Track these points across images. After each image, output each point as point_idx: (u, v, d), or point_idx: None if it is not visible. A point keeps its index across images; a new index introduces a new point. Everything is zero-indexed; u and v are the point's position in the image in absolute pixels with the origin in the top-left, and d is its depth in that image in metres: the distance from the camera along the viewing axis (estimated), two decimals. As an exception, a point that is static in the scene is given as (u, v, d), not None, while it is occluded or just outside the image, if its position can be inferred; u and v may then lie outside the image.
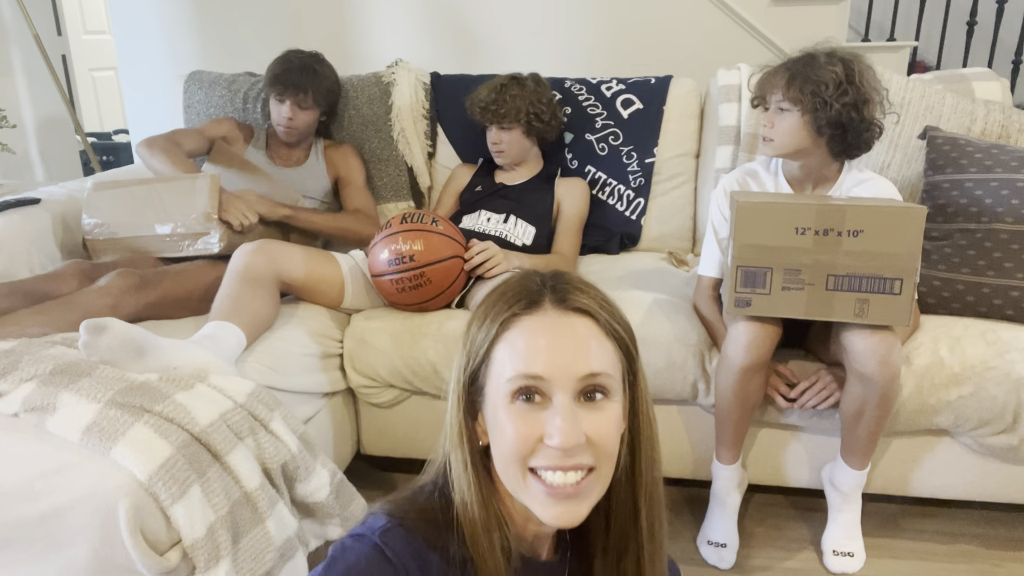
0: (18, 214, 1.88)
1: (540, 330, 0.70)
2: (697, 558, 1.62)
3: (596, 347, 0.70)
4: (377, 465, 1.96)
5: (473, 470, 0.73)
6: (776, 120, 1.55)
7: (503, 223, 1.99)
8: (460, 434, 0.74)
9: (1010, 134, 1.88)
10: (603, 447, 0.70)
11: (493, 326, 0.72)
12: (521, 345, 0.70)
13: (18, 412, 1.19)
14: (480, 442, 0.75)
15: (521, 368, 0.69)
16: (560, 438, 0.67)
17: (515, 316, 0.71)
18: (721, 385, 1.52)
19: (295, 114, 2.03)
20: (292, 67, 2.02)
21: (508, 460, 0.70)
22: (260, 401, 1.31)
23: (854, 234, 1.37)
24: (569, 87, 2.25)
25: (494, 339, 0.72)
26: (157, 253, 1.82)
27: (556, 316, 0.71)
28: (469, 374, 0.74)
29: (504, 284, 0.75)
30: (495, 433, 0.72)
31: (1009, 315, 1.63)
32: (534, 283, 0.74)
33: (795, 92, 1.50)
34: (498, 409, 0.70)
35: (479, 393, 0.74)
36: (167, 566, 1.10)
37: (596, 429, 0.69)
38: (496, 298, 0.74)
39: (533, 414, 0.69)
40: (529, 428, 0.68)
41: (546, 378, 0.68)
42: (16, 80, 3.52)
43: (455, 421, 0.75)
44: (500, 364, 0.71)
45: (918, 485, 1.68)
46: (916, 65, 4.15)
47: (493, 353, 0.72)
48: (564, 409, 0.68)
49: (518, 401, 0.69)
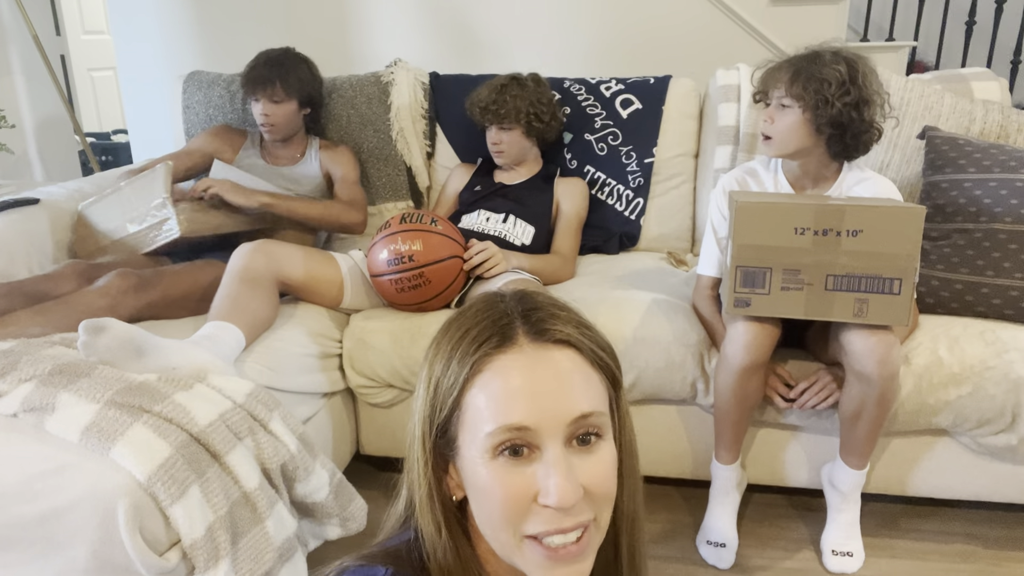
0: (17, 214, 1.88)
1: (518, 371, 0.61)
2: (696, 558, 1.62)
3: (583, 383, 0.62)
4: (376, 465, 1.96)
5: (448, 533, 0.65)
6: (777, 116, 1.56)
7: (502, 223, 1.99)
8: (430, 496, 0.65)
9: (1009, 134, 1.88)
10: (602, 495, 0.62)
11: (462, 369, 0.62)
12: (499, 391, 0.60)
13: (17, 412, 1.19)
14: (453, 497, 0.67)
15: (502, 420, 0.59)
16: (558, 496, 0.58)
17: (487, 356, 0.61)
18: (720, 385, 1.52)
19: (270, 110, 2.02)
20: (258, 64, 2.03)
21: (497, 526, 0.61)
22: (259, 401, 1.31)
23: (853, 234, 1.37)
24: (568, 87, 2.25)
25: (464, 385, 0.62)
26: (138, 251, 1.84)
27: (534, 352, 0.62)
28: (437, 427, 0.64)
29: (467, 315, 0.66)
30: (476, 494, 0.62)
31: (1008, 315, 1.63)
32: (501, 313, 0.64)
33: (798, 88, 1.50)
34: (478, 466, 0.61)
35: (449, 446, 0.64)
36: (166, 566, 1.10)
37: (593, 477, 0.61)
38: (460, 334, 0.64)
39: (521, 469, 0.60)
40: (519, 488, 0.59)
41: (532, 428, 0.59)
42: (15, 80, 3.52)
43: (422, 481, 0.65)
44: (475, 414, 0.61)
45: (917, 485, 1.68)
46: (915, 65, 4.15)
47: (464, 401, 0.62)
48: (558, 462, 0.59)
49: (501, 456, 0.60)
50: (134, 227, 1.82)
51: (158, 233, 1.81)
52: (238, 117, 2.32)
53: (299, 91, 2.06)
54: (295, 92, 2.05)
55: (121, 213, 1.85)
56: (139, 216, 1.82)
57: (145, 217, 1.81)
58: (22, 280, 1.63)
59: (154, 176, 1.82)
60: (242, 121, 2.31)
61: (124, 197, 1.85)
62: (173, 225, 1.78)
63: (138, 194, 1.84)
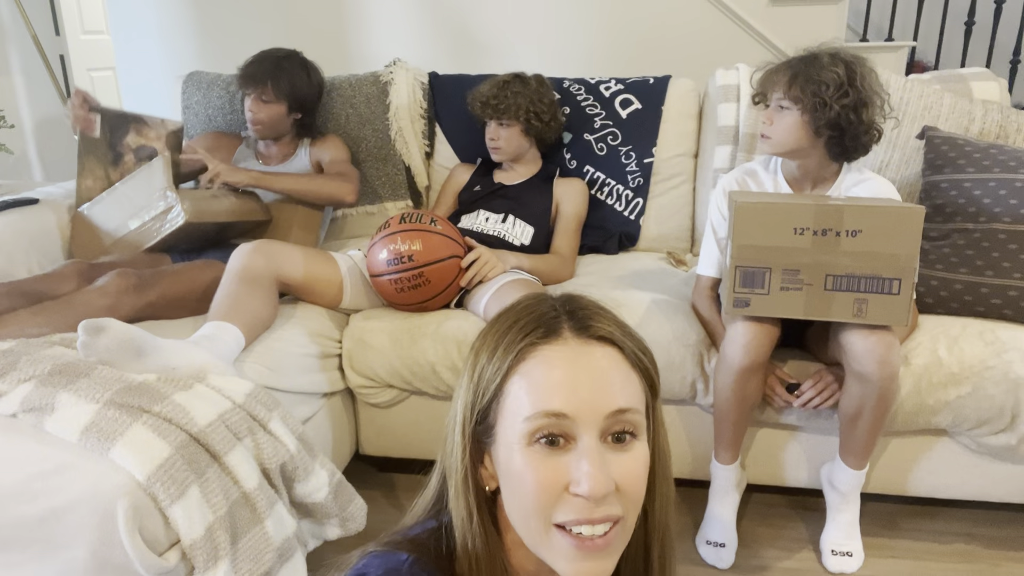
0: (17, 214, 1.88)
1: (561, 361, 0.62)
2: (696, 558, 1.62)
3: (623, 380, 0.63)
4: (376, 465, 1.96)
5: (480, 521, 0.66)
6: (775, 118, 1.56)
7: (501, 223, 1.99)
8: (465, 481, 0.67)
9: (1008, 134, 1.88)
10: (632, 494, 0.62)
11: (506, 357, 0.64)
12: (541, 379, 0.62)
13: (16, 412, 1.19)
14: (487, 487, 0.68)
15: (541, 405, 0.61)
16: (589, 486, 0.59)
17: (532, 346, 0.63)
18: (719, 385, 1.52)
19: (257, 108, 2.02)
20: (253, 62, 2.04)
21: (528, 513, 0.62)
22: (259, 401, 1.31)
23: (852, 234, 1.37)
24: (568, 87, 2.25)
25: (507, 372, 0.63)
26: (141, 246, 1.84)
27: (578, 346, 0.63)
28: (478, 412, 0.66)
29: (515, 310, 0.68)
30: (509, 480, 0.63)
31: (1007, 315, 1.63)
32: (549, 308, 0.66)
33: (796, 91, 1.51)
34: (513, 453, 0.62)
35: (487, 433, 0.66)
36: (166, 566, 1.10)
37: (626, 475, 0.61)
38: (507, 325, 0.66)
39: (555, 458, 0.61)
40: (552, 475, 0.61)
41: (570, 416, 0.61)
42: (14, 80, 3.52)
43: (460, 466, 0.67)
44: (515, 400, 0.63)
45: (916, 485, 1.68)
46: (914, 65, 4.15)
47: (506, 388, 0.64)
48: (592, 452, 0.60)
49: (537, 443, 0.61)
50: (136, 222, 1.82)
51: (163, 223, 1.80)
52: (237, 118, 2.32)
53: (290, 95, 2.05)
54: (285, 95, 2.04)
55: (121, 211, 1.85)
56: (141, 209, 1.82)
57: (148, 209, 1.81)
58: (22, 280, 1.63)
59: (152, 170, 1.83)
60: (241, 122, 2.31)
61: (122, 195, 1.86)
62: (178, 212, 1.78)
63: (137, 189, 1.84)
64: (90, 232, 1.90)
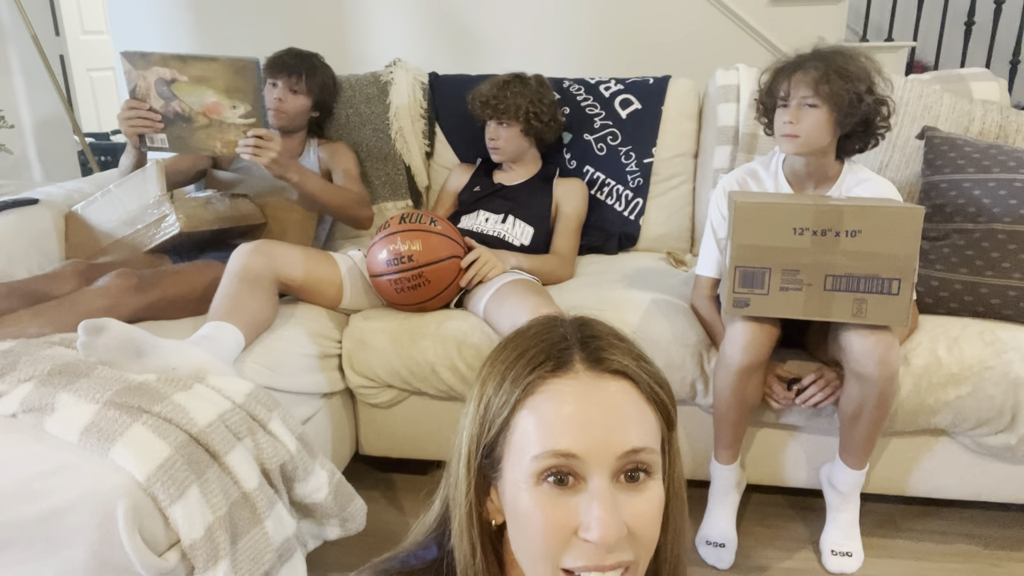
0: (16, 214, 1.88)
1: (572, 397, 0.59)
2: (696, 558, 1.62)
3: (637, 417, 0.60)
4: (376, 465, 1.96)
5: (483, 557, 0.64)
6: (802, 116, 1.52)
7: (501, 223, 1.99)
8: (470, 516, 0.64)
9: (1008, 134, 1.88)
10: (645, 538, 0.59)
11: (515, 391, 0.61)
12: (550, 415, 0.59)
13: (16, 413, 1.19)
14: (492, 521, 0.66)
15: (550, 444, 0.58)
16: (600, 532, 0.56)
17: (541, 379, 0.60)
18: (719, 385, 1.52)
19: (286, 96, 2.03)
20: (289, 53, 2.08)
21: (536, 557, 0.59)
22: (259, 401, 1.31)
23: (852, 234, 1.37)
24: (568, 87, 2.25)
25: (515, 405, 0.61)
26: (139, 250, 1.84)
27: (590, 380, 0.60)
28: (484, 446, 0.63)
29: (524, 336, 0.65)
30: (516, 520, 0.61)
31: (1007, 315, 1.63)
32: (560, 337, 0.63)
33: (829, 87, 1.48)
34: (520, 491, 0.60)
35: (494, 467, 0.63)
36: (165, 567, 1.10)
37: (639, 517, 0.58)
38: (516, 355, 0.63)
39: (564, 499, 0.58)
40: (561, 518, 0.58)
41: (581, 457, 0.58)
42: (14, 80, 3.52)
43: (464, 501, 0.64)
44: (523, 436, 0.60)
45: (916, 485, 1.68)
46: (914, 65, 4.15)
47: (514, 422, 0.61)
48: (603, 496, 0.57)
49: (545, 483, 0.59)
50: (130, 229, 1.82)
51: (157, 231, 1.81)
52: (237, 117, 2.32)
53: (318, 92, 2.11)
54: (315, 92, 2.09)
55: (115, 214, 1.85)
56: (135, 217, 1.82)
57: (142, 217, 1.81)
58: (22, 280, 1.63)
59: (145, 176, 1.82)
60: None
61: (116, 199, 1.85)
62: (172, 222, 1.78)
63: (130, 195, 1.83)
64: (84, 232, 1.90)
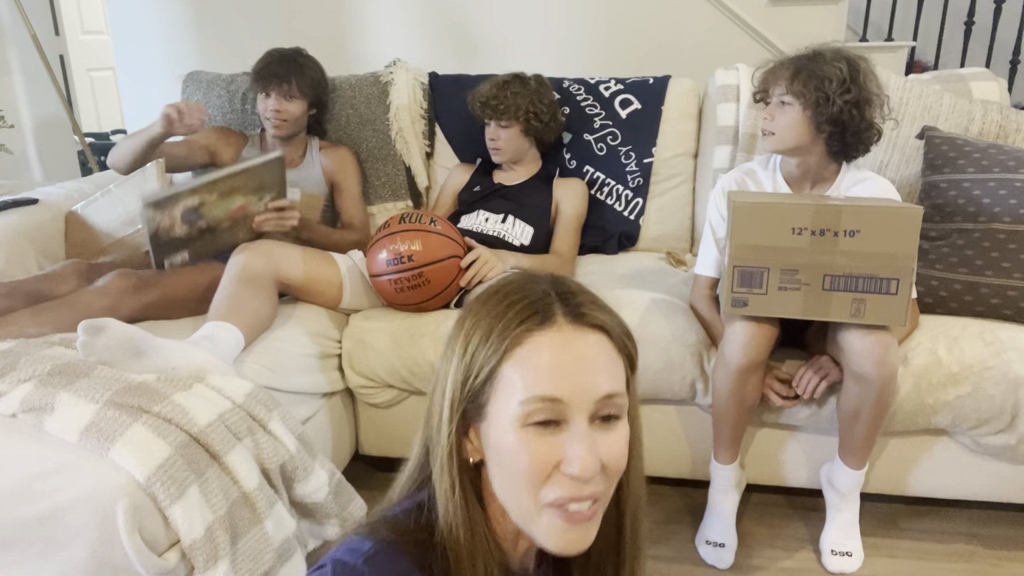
0: (16, 214, 1.88)
1: (555, 348, 0.66)
2: (695, 558, 1.63)
3: (611, 365, 0.67)
4: (375, 465, 1.96)
5: (461, 493, 0.69)
6: (777, 114, 1.56)
7: (501, 223, 1.99)
8: (451, 455, 0.69)
9: (1008, 134, 1.88)
10: (614, 472, 0.67)
11: (502, 342, 0.66)
12: (536, 364, 0.65)
13: (16, 413, 1.19)
14: (470, 460, 0.71)
15: (537, 391, 0.64)
16: (580, 467, 0.63)
17: (527, 332, 0.66)
18: (718, 385, 1.52)
19: (282, 105, 2.02)
20: (273, 60, 2.04)
21: (520, 489, 0.66)
22: (258, 401, 1.31)
23: (850, 234, 1.37)
24: (567, 87, 2.25)
25: (503, 356, 0.66)
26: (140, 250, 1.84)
27: (571, 332, 0.67)
28: (469, 392, 0.68)
29: (505, 292, 0.70)
30: (500, 457, 0.67)
31: (1007, 315, 1.63)
32: (541, 292, 0.69)
33: (799, 86, 1.51)
34: (506, 432, 0.66)
35: (477, 411, 0.69)
36: (165, 567, 1.10)
37: (611, 454, 0.66)
38: (501, 309, 0.68)
39: (547, 439, 0.65)
40: (544, 455, 0.65)
41: (564, 401, 0.65)
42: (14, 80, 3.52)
43: (445, 441, 0.70)
44: (510, 384, 0.66)
45: (916, 485, 1.68)
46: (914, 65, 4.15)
47: (500, 371, 0.66)
48: (583, 436, 0.65)
49: (531, 425, 0.65)
50: (129, 229, 1.82)
51: None
52: (237, 117, 2.32)
53: (311, 91, 2.08)
54: (308, 92, 2.07)
55: (115, 214, 1.85)
56: (135, 217, 1.82)
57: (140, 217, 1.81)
58: (22, 280, 1.63)
59: (145, 176, 1.82)
60: (241, 122, 2.31)
61: (116, 199, 1.86)
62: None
63: (130, 195, 1.84)
64: (84, 232, 1.90)
